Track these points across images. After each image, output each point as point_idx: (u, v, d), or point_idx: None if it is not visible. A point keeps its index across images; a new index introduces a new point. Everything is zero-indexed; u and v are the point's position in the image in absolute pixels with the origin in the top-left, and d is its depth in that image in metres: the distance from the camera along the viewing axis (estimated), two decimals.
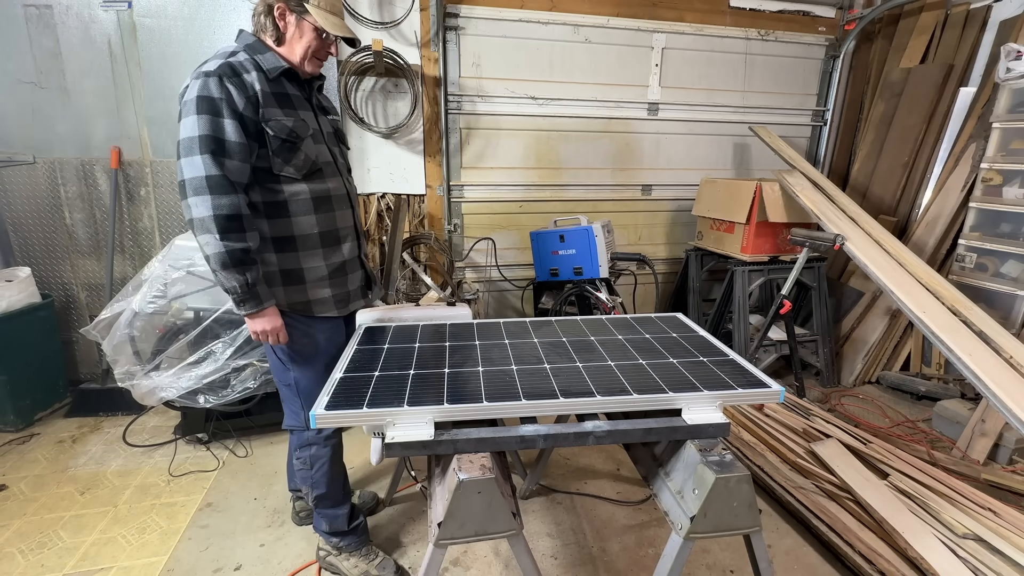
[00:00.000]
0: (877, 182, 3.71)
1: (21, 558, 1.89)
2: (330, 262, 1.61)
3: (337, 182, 1.63)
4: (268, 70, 1.47)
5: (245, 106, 1.40)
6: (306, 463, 1.71)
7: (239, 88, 1.39)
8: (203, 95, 1.35)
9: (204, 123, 1.35)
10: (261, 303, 1.47)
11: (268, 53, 1.49)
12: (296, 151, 1.49)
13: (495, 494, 1.16)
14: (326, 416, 1.17)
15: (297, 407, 1.68)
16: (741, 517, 1.17)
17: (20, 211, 2.93)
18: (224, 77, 1.38)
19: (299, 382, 1.65)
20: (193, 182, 1.35)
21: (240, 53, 1.46)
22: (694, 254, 3.69)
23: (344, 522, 1.78)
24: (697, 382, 1.33)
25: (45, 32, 2.75)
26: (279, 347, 1.60)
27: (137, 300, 2.32)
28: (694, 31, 3.60)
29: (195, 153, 1.34)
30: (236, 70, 1.41)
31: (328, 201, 1.59)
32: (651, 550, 1.96)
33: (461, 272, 3.68)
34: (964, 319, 2.29)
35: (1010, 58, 2.81)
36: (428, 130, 3.34)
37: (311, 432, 1.67)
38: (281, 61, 1.49)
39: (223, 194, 1.36)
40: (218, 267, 1.39)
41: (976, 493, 2.03)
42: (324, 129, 1.63)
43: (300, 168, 1.51)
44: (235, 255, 1.39)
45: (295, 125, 1.48)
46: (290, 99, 1.52)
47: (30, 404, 2.80)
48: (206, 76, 1.37)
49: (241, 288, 1.42)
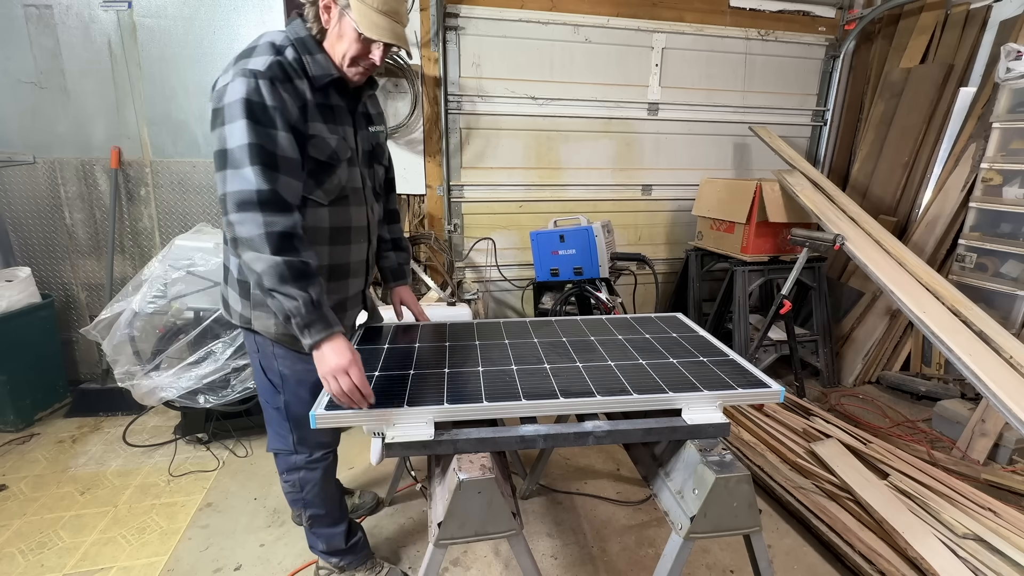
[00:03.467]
0: (877, 182, 3.71)
1: (21, 558, 1.89)
2: (333, 300, 1.44)
3: (361, 212, 1.46)
4: (315, 77, 1.27)
5: (297, 118, 1.23)
6: (295, 486, 1.58)
7: (293, 96, 1.22)
8: (253, 99, 1.16)
9: (255, 131, 1.16)
10: (330, 327, 1.21)
11: (319, 55, 1.29)
12: (331, 174, 1.33)
13: (495, 494, 1.16)
14: (326, 416, 1.17)
15: (285, 430, 1.53)
16: (741, 517, 1.17)
17: (20, 211, 2.93)
18: (277, 82, 1.19)
19: (290, 406, 1.50)
20: (239, 196, 1.16)
21: (289, 49, 1.26)
22: (694, 254, 3.69)
23: (342, 540, 1.68)
24: (697, 382, 1.33)
25: (45, 32, 2.75)
26: (271, 369, 1.46)
27: (137, 300, 2.32)
28: (694, 31, 3.60)
29: (244, 164, 1.15)
30: (288, 73, 1.22)
31: (347, 233, 1.43)
32: (651, 550, 1.96)
33: (461, 272, 3.68)
34: (964, 319, 2.29)
35: (1010, 58, 2.81)
36: (428, 130, 3.34)
37: (299, 456, 1.55)
38: (331, 68, 1.29)
39: (276, 212, 1.18)
40: (275, 283, 1.16)
41: (976, 493, 2.03)
42: (361, 147, 1.45)
43: (329, 192, 1.35)
44: (294, 266, 1.18)
45: (337, 145, 1.32)
46: (334, 112, 1.34)
47: (30, 404, 2.79)
48: (255, 77, 1.17)
49: (306, 306, 1.17)
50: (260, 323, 1.41)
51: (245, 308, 1.42)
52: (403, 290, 1.81)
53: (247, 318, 1.42)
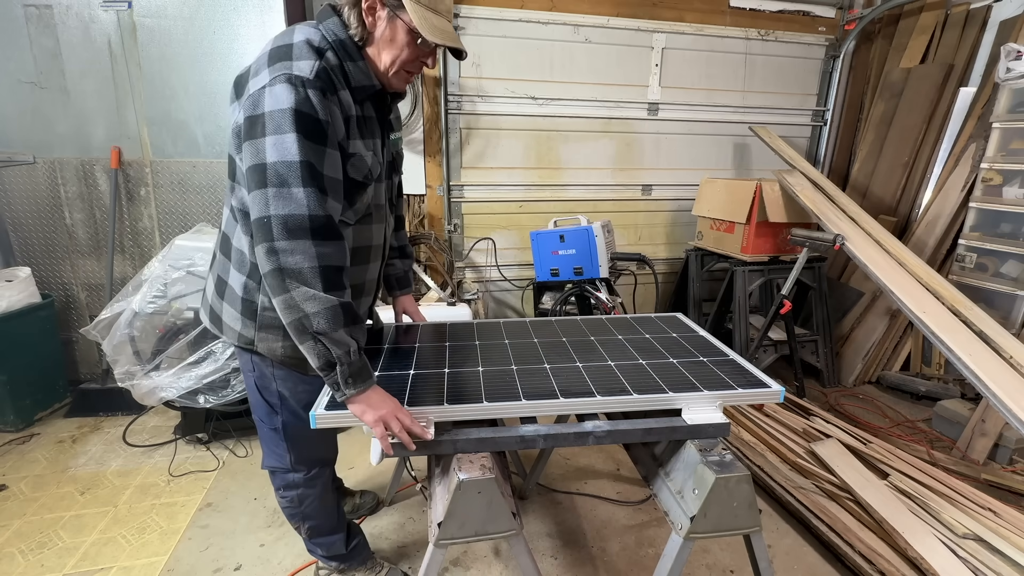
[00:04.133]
0: (877, 182, 3.71)
1: (21, 558, 1.88)
2: None
3: (380, 229, 1.39)
4: (355, 88, 1.16)
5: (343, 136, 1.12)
6: (293, 502, 1.53)
7: (339, 109, 1.11)
8: (304, 111, 1.04)
9: (306, 148, 1.04)
10: (371, 376, 1.15)
11: (361, 61, 1.17)
12: (363, 193, 1.24)
13: (495, 494, 1.16)
14: (326, 416, 1.17)
15: (282, 450, 1.46)
16: (741, 517, 1.17)
17: (20, 211, 2.92)
18: (328, 92, 1.07)
19: (287, 426, 1.42)
20: (290, 221, 1.03)
21: (329, 52, 1.12)
22: (694, 254, 3.69)
23: (342, 546, 1.65)
24: (697, 382, 1.33)
25: (45, 32, 2.75)
26: (270, 390, 1.39)
27: (137, 300, 2.32)
28: (694, 31, 3.60)
29: (295, 184, 1.03)
30: (335, 83, 1.10)
31: (366, 253, 1.35)
32: (651, 550, 1.96)
33: (461, 272, 3.68)
34: (964, 319, 2.29)
35: (1010, 58, 2.81)
36: (428, 130, 3.34)
37: (297, 475, 1.49)
38: (374, 79, 1.19)
39: (329, 241, 1.07)
40: (328, 327, 1.07)
41: (976, 493, 2.03)
42: (385, 160, 1.34)
43: (359, 212, 1.25)
44: (349, 310, 1.09)
45: (372, 163, 1.22)
46: (367, 124, 1.23)
47: (30, 404, 2.79)
48: (304, 85, 1.04)
49: (354, 355, 1.11)
50: (265, 345, 1.31)
51: (247, 328, 1.31)
52: (407, 299, 1.81)
53: (249, 339, 1.32)
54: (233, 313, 1.33)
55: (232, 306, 1.33)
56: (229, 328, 1.35)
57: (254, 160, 1.05)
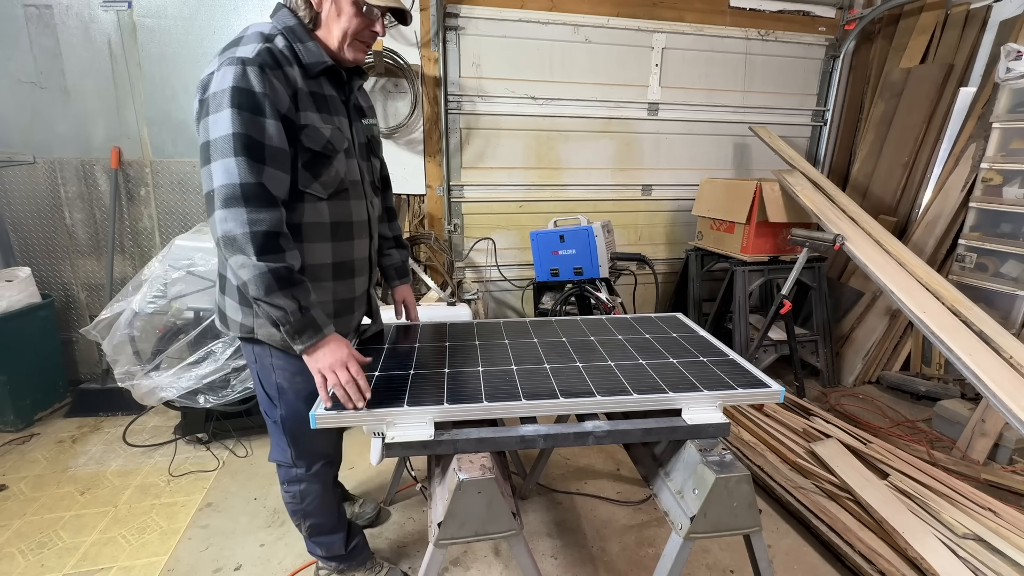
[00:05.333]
0: (877, 182, 3.71)
1: (21, 558, 1.89)
2: (339, 298, 1.41)
3: (361, 205, 1.42)
4: (308, 65, 1.24)
5: (288, 107, 1.18)
6: (295, 497, 1.56)
7: (283, 83, 1.17)
8: (241, 87, 1.11)
9: (242, 120, 1.10)
10: (320, 330, 1.20)
11: (310, 42, 1.26)
12: (328, 166, 1.29)
13: (495, 494, 1.16)
14: (326, 416, 1.17)
15: (284, 443, 1.50)
16: (741, 517, 1.17)
17: (20, 211, 2.93)
18: (267, 68, 1.14)
19: (286, 420, 1.45)
20: (224, 191, 1.11)
21: (279, 37, 1.22)
22: (694, 254, 3.69)
23: (341, 546, 1.66)
24: (697, 382, 1.33)
25: (45, 32, 2.75)
26: (269, 381, 1.42)
27: (137, 300, 2.32)
28: (694, 31, 3.60)
29: (229, 155, 1.10)
30: (278, 60, 1.18)
31: (348, 228, 1.38)
32: (651, 550, 1.96)
33: (461, 272, 3.68)
34: (964, 319, 2.29)
35: (1010, 58, 2.81)
36: (428, 130, 3.34)
37: (299, 470, 1.52)
38: (324, 56, 1.27)
39: (261, 207, 1.13)
40: (261, 293, 1.14)
41: (976, 493, 2.03)
42: (357, 139, 1.43)
43: (328, 186, 1.30)
44: (280, 273, 1.14)
45: (332, 135, 1.28)
46: (327, 101, 1.30)
47: (30, 404, 2.79)
48: (243, 64, 1.12)
49: (293, 314, 1.16)
50: (264, 331, 1.34)
51: (246, 317, 1.35)
52: (405, 289, 1.82)
53: (248, 327, 1.35)
54: (233, 304, 1.37)
55: (231, 297, 1.36)
56: (232, 320, 1.38)
57: (201, 139, 1.14)
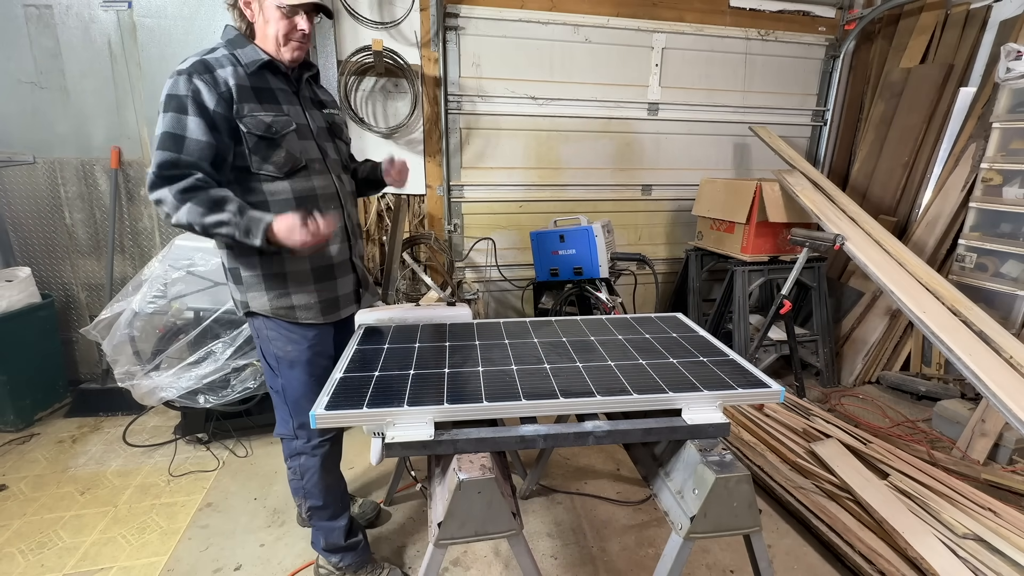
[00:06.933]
0: (877, 182, 3.71)
1: (21, 558, 1.89)
2: (316, 265, 1.54)
3: (326, 180, 1.56)
4: (246, 64, 1.43)
5: (217, 103, 1.35)
6: (296, 473, 1.66)
7: (209, 85, 1.35)
8: (172, 93, 1.34)
9: (168, 120, 1.33)
10: (262, 219, 1.33)
11: (248, 47, 1.45)
12: (275, 148, 1.44)
13: (495, 494, 1.16)
14: (326, 416, 1.17)
15: (285, 414, 1.62)
16: (741, 517, 1.17)
17: (20, 211, 2.93)
18: (194, 74, 1.35)
19: (286, 389, 1.59)
20: (152, 177, 1.33)
21: (219, 49, 1.43)
22: (694, 254, 3.69)
23: (341, 536, 1.71)
24: (697, 382, 1.33)
25: (45, 32, 2.75)
26: (268, 352, 1.57)
27: (137, 300, 2.32)
28: (694, 31, 3.60)
29: (155, 149, 1.33)
30: (209, 66, 1.38)
31: (314, 200, 1.52)
32: (651, 550, 1.96)
33: (461, 272, 3.68)
34: (964, 319, 2.29)
35: (1010, 58, 2.81)
36: (428, 130, 3.34)
37: (300, 441, 1.62)
38: (260, 53, 1.45)
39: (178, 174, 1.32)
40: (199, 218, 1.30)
41: (976, 493, 2.03)
42: (314, 124, 1.57)
43: (281, 166, 1.45)
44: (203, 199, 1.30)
45: (274, 120, 1.43)
46: (273, 93, 1.47)
47: (30, 404, 2.80)
48: (177, 75, 1.35)
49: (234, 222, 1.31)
50: (257, 303, 1.52)
51: (241, 292, 1.53)
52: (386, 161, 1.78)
53: (245, 302, 1.53)
54: (232, 286, 1.56)
55: (229, 279, 1.56)
56: (235, 301, 1.58)
57: None
